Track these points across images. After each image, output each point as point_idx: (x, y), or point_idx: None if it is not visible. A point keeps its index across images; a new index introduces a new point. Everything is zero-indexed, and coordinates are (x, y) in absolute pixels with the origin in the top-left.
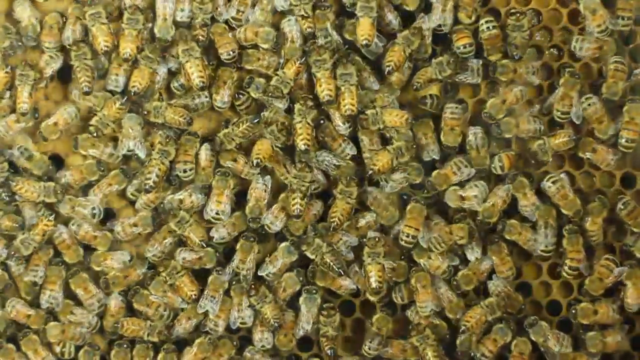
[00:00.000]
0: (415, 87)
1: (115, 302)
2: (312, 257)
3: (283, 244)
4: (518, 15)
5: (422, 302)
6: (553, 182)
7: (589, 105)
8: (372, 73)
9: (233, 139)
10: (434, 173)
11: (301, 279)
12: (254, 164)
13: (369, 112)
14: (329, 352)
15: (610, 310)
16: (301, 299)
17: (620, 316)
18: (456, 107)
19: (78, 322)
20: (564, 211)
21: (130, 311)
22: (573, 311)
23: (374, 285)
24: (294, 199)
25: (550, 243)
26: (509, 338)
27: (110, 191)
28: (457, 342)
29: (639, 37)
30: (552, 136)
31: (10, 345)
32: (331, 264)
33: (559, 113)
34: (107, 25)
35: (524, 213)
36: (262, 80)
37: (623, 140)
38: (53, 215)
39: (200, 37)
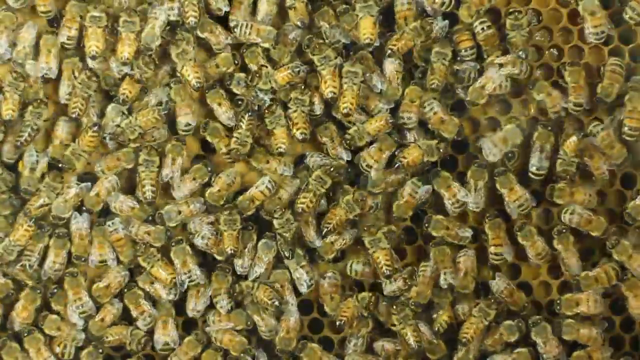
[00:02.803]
0: (433, 87)
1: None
2: (278, 228)
3: (260, 242)
4: (516, 14)
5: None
6: (571, 214)
7: (599, 130)
8: (380, 75)
9: (246, 142)
10: (471, 89)
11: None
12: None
13: (350, 131)
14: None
15: (592, 302)
16: (286, 262)
17: (602, 309)
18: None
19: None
20: (592, 233)
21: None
22: (557, 302)
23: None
24: (304, 197)
25: (543, 167)
26: (515, 337)
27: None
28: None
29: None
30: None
31: (15, 344)
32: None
33: (571, 105)
34: (103, 30)
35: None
36: (242, 75)
37: (626, 129)
38: (33, 220)
39: (192, 14)
